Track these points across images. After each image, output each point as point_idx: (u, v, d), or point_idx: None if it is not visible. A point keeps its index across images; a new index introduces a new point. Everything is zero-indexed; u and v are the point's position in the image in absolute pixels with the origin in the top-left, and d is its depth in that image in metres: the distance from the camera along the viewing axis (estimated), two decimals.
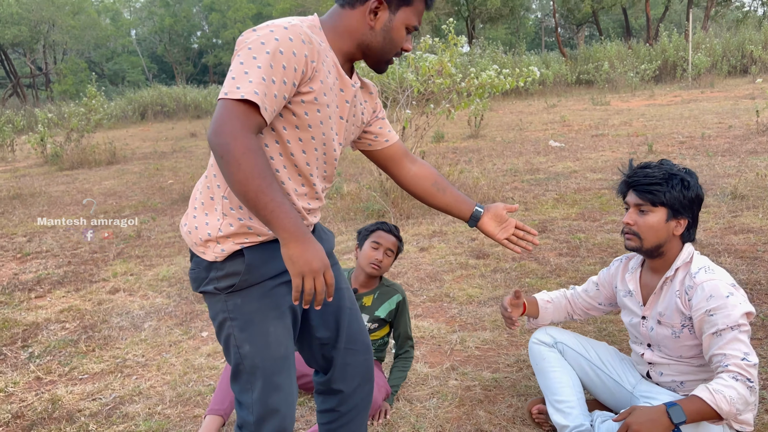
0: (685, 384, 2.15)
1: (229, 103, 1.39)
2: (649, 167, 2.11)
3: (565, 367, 2.32)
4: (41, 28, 39.11)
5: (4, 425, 2.77)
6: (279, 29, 1.47)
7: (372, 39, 1.62)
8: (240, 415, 1.69)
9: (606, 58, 25.03)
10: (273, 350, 1.63)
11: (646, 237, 2.08)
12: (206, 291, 1.63)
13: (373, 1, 1.58)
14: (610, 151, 8.89)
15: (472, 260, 4.54)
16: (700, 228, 4.82)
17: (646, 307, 2.18)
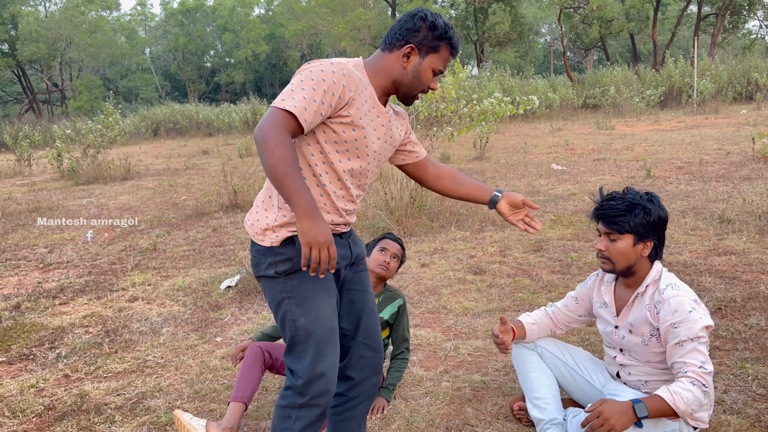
0: (649, 383, 2.41)
1: (276, 110, 1.80)
2: (613, 199, 2.39)
3: (543, 368, 2.59)
4: (59, 46, 39.95)
5: (38, 416, 3.06)
6: (326, 64, 1.88)
7: (403, 77, 2.01)
8: (289, 380, 2.00)
9: (612, 82, 25.40)
10: (323, 323, 1.97)
11: (618, 261, 2.37)
12: (266, 275, 1.98)
13: (407, 47, 1.98)
14: (610, 175, 9.18)
15: (470, 276, 4.82)
16: (686, 248, 5.09)
17: (618, 318, 2.46)
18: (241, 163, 14.81)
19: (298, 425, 1.98)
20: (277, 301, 1.99)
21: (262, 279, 2.03)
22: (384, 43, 2.04)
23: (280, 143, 1.76)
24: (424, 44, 1.99)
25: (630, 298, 2.42)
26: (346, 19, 30.72)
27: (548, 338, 2.71)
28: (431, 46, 1.99)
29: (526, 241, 5.78)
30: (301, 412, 1.98)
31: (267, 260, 1.97)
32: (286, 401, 2.00)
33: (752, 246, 4.98)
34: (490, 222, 6.52)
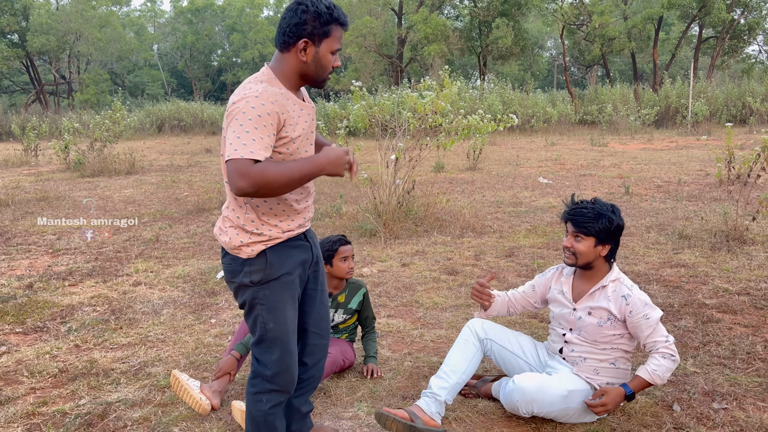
0: (587, 360, 2.90)
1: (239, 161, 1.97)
2: (585, 207, 2.89)
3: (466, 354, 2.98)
4: (68, 39, 40.47)
5: (53, 377, 3.53)
6: (252, 99, 2.03)
7: (307, 69, 2.17)
8: (256, 369, 2.33)
9: (611, 100, 25.92)
10: (289, 326, 2.31)
11: (580, 257, 2.88)
12: (242, 283, 2.24)
13: (301, 42, 2.11)
14: (592, 190, 9.66)
15: (444, 276, 5.30)
16: (643, 260, 5.57)
17: (577, 303, 2.94)
18: None
19: (269, 405, 2.34)
20: (250, 305, 2.27)
21: (235, 284, 2.28)
22: (278, 44, 2.15)
23: (266, 173, 1.98)
24: (315, 33, 2.10)
25: (590, 289, 2.93)
26: (352, 27, 31.25)
27: (501, 329, 3.15)
28: (322, 33, 2.11)
29: (500, 247, 6.26)
30: (271, 396, 2.34)
31: (243, 269, 2.22)
32: (257, 388, 2.34)
33: (702, 260, 5.46)
34: (470, 229, 7.00)
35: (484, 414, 2.99)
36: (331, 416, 2.98)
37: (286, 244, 2.28)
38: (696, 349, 3.67)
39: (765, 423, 2.81)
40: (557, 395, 2.74)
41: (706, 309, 4.30)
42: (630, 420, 2.88)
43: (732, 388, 3.15)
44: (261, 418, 2.36)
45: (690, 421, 2.85)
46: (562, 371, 2.91)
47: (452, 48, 31.65)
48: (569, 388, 2.76)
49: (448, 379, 2.89)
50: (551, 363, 3.02)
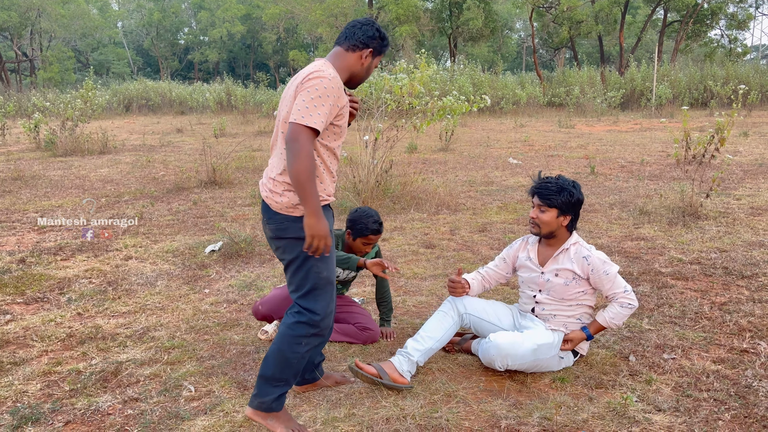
0: (557, 317, 3.26)
1: (302, 127, 2.37)
2: (549, 182, 3.26)
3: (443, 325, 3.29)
4: (30, 15, 39.53)
5: (61, 341, 3.77)
6: (327, 80, 2.45)
7: (359, 72, 2.67)
8: (303, 317, 2.59)
9: (578, 83, 26.47)
10: (334, 275, 2.65)
11: (543, 226, 3.24)
12: (298, 236, 2.52)
13: (367, 50, 2.64)
14: (559, 170, 10.08)
15: (422, 249, 5.64)
16: (606, 234, 5.99)
17: (544, 267, 3.29)
18: (216, 143, 15.37)
19: (307, 347, 2.63)
20: (304, 258, 2.54)
21: (288, 240, 2.55)
22: (347, 44, 2.62)
23: (310, 154, 2.36)
24: (377, 49, 2.66)
25: (554, 254, 3.29)
26: (324, 6, 31.22)
27: (477, 302, 3.46)
28: (379, 50, 2.67)
29: (473, 223, 6.62)
30: (311, 339, 2.62)
31: (297, 225, 2.52)
32: (300, 331, 2.59)
33: (660, 234, 5.91)
34: (445, 206, 7.35)
35: (464, 366, 3.35)
36: (328, 368, 3.30)
37: (324, 208, 2.60)
38: (651, 310, 4.08)
39: (707, 369, 3.22)
40: (528, 349, 3.10)
41: (662, 276, 4.72)
42: (592, 369, 3.26)
43: (681, 342, 3.56)
44: (296, 359, 2.63)
45: (643, 368, 3.25)
46: (534, 328, 3.27)
47: (423, 29, 31.86)
48: (538, 342, 3.13)
49: (423, 343, 3.21)
50: (524, 323, 3.38)
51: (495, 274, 3.57)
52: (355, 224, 3.50)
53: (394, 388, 3.03)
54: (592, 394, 3.01)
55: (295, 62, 36.95)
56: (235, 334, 3.84)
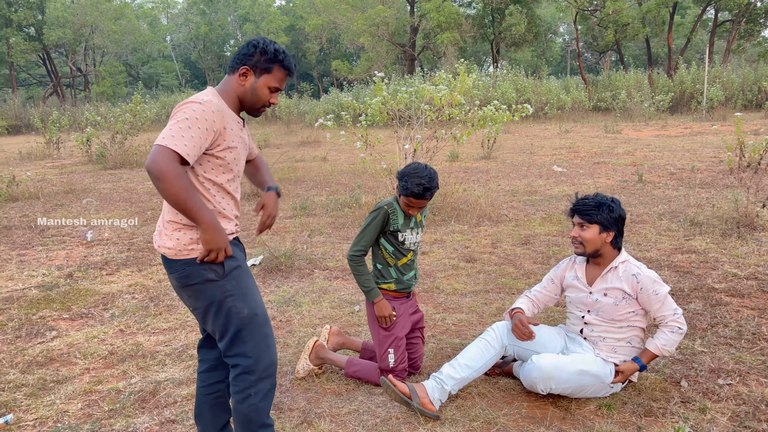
0: (606, 340, 3.12)
1: (163, 148, 2.13)
2: (587, 198, 3.16)
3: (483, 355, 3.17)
4: (84, 31, 40.92)
5: (103, 358, 3.82)
6: (196, 105, 2.21)
7: (244, 94, 2.39)
8: (236, 367, 2.36)
9: (625, 86, 25.87)
10: (261, 309, 2.40)
11: (587, 244, 3.12)
12: (208, 279, 2.29)
13: (242, 68, 2.36)
14: (605, 178, 9.82)
15: (462, 263, 5.54)
16: (654, 246, 5.77)
17: (592, 286, 3.17)
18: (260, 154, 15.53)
19: (258, 398, 2.38)
20: (219, 301, 2.32)
21: (196, 286, 2.31)
22: (229, 67, 2.41)
23: (177, 174, 2.12)
24: (258, 66, 2.36)
25: (601, 272, 3.16)
26: (365, 16, 31.37)
27: None
28: (264, 68, 2.37)
29: (516, 235, 6.47)
30: (258, 386, 2.37)
31: (199, 267, 2.29)
32: (241, 385, 2.37)
33: (712, 247, 5.66)
34: (486, 218, 7.22)
35: (505, 390, 3.24)
36: (365, 392, 3.24)
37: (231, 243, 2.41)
38: (704, 330, 3.88)
39: (767, 397, 3.03)
40: (572, 373, 2.97)
41: (715, 293, 4.50)
42: (640, 395, 3.11)
43: (737, 365, 3.37)
44: (254, 411, 2.40)
45: (696, 395, 3.08)
46: (582, 353, 3.13)
47: (465, 36, 31.69)
48: (584, 367, 2.99)
49: (460, 372, 3.09)
50: (572, 347, 3.24)
51: (544, 297, 3.45)
52: (401, 179, 3.13)
53: (422, 413, 2.94)
54: (641, 423, 2.86)
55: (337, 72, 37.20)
56: None
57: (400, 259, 3.29)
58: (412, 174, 3.08)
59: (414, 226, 3.31)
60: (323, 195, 9.34)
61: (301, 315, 4.43)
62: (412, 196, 3.08)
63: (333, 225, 7.27)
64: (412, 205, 3.13)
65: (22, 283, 5.47)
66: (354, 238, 3.27)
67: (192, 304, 2.39)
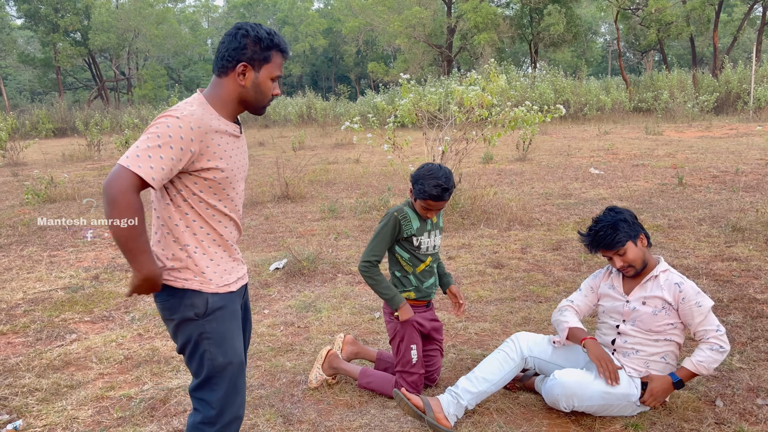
0: (639, 353, 2.93)
1: (124, 170, 1.87)
2: (600, 230, 2.94)
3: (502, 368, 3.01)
4: (127, 36, 41.85)
5: (119, 363, 3.78)
6: (173, 120, 1.94)
7: (246, 95, 2.09)
8: (198, 414, 2.14)
9: (667, 86, 25.17)
10: (237, 358, 2.15)
11: (635, 263, 2.95)
12: (186, 317, 2.07)
13: (240, 66, 2.04)
14: (644, 181, 9.50)
15: (489, 269, 5.36)
16: (693, 253, 5.50)
17: (629, 295, 2.99)
18: (294, 155, 15.57)
19: None
20: (195, 341, 2.09)
21: (175, 321, 2.10)
22: (216, 68, 2.08)
23: (129, 205, 1.85)
24: (255, 58, 2.05)
25: (640, 281, 2.99)
26: (402, 17, 31.27)
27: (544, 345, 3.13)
28: (262, 58, 2.06)
29: (547, 240, 6.26)
30: None
31: (184, 302, 2.06)
32: None
33: (755, 254, 5.36)
34: (517, 222, 7.02)
35: (525, 406, 3.07)
36: (378, 405, 3.12)
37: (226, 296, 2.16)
38: (743, 344, 3.64)
39: None
40: (597, 391, 2.79)
41: (757, 304, 4.24)
42: (671, 414, 2.91)
43: None
44: None
45: (732, 416, 2.86)
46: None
47: (502, 36, 31.30)
48: (609, 389, 2.80)
49: (477, 385, 2.94)
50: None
51: (585, 307, 3.24)
52: (416, 182, 2.98)
53: (436, 429, 2.80)
54: None
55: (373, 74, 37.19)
56: (287, 360, 3.72)
57: (418, 265, 3.15)
58: (428, 176, 2.94)
59: (431, 228, 3.16)
60: (353, 197, 9.26)
61: (320, 321, 4.33)
62: (430, 199, 2.95)
63: (360, 228, 7.17)
64: (431, 207, 3.00)
65: (50, 285, 5.51)
66: (366, 248, 3.13)
67: (173, 337, 2.17)
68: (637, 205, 7.71)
